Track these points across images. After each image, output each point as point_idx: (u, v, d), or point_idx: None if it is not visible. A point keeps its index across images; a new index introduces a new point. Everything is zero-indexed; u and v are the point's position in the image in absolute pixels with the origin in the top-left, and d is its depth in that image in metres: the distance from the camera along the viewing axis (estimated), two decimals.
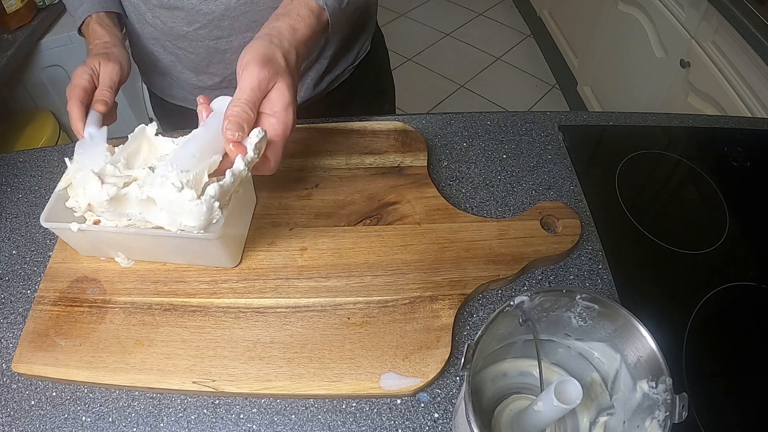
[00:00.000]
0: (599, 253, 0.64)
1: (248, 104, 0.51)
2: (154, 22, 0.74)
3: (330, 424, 0.52)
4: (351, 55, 0.86)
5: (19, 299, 0.62)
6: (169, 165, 0.49)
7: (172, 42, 0.76)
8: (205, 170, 0.51)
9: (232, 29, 0.72)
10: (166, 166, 0.49)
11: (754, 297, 0.62)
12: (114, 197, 0.50)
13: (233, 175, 0.51)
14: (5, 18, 1.34)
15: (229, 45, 0.74)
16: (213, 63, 0.77)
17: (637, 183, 0.73)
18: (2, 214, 0.71)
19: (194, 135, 0.53)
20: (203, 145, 0.53)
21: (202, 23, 0.71)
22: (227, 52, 0.75)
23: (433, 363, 0.53)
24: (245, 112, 0.51)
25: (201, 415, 0.53)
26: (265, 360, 0.54)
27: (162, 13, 0.72)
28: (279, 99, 0.53)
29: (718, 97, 1.32)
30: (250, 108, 0.51)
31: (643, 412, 0.42)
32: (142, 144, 0.58)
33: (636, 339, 0.43)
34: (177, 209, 0.49)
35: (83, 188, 0.50)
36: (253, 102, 0.52)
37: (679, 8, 1.46)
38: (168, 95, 0.88)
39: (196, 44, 0.74)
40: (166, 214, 0.50)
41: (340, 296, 0.59)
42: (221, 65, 0.78)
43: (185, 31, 0.73)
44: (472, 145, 0.76)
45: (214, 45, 0.74)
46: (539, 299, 0.44)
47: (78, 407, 0.54)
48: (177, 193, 0.47)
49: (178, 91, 0.86)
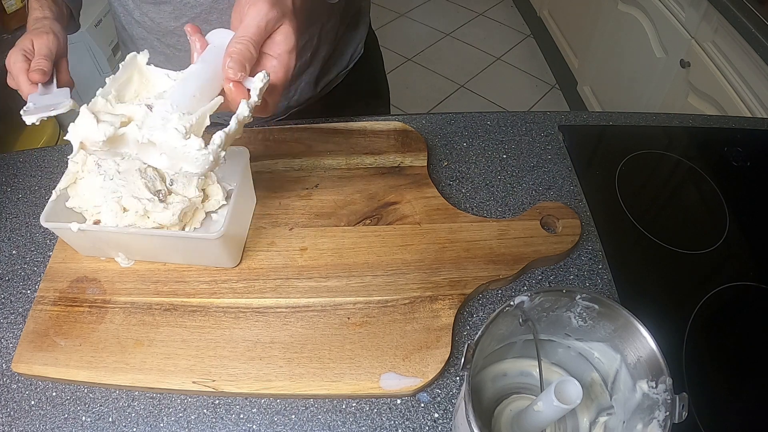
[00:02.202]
0: (599, 253, 0.64)
1: (252, 42, 0.48)
2: (141, 20, 0.74)
3: (330, 424, 0.52)
4: (344, 59, 0.86)
5: (19, 299, 0.62)
6: (169, 106, 0.46)
7: (160, 40, 0.75)
8: (207, 113, 0.48)
9: (221, 23, 0.72)
10: (166, 106, 0.46)
11: (754, 297, 0.62)
12: (111, 137, 0.46)
13: (238, 122, 0.48)
14: (5, 18, 1.34)
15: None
16: None
17: (637, 183, 0.73)
18: (2, 214, 0.71)
19: (192, 72, 0.50)
20: (202, 83, 0.49)
21: (189, 17, 0.71)
22: None
23: (433, 363, 0.53)
24: (248, 50, 0.48)
25: (201, 415, 0.53)
26: (265, 360, 0.54)
27: (149, 9, 0.72)
28: (284, 42, 0.50)
29: (718, 97, 1.32)
30: (254, 47, 0.48)
31: (643, 412, 0.42)
32: (134, 74, 0.53)
33: (636, 339, 0.43)
34: (180, 155, 0.46)
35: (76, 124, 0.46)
36: (256, 41, 0.49)
37: (679, 8, 1.46)
38: None
39: (185, 40, 0.74)
40: (167, 159, 0.47)
41: (340, 296, 0.59)
42: None
43: (173, 26, 0.72)
44: (472, 145, 0.76)
45: None
46: (539, 299, 0.44)
47: (78, 407, 0.54)
48: (182, 140, 0.45)
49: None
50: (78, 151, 0.47)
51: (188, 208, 0.61)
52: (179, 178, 0.63)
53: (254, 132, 0.76)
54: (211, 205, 0.65)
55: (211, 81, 0.50)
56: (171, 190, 0.62)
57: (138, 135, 0.45)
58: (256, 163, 0.70)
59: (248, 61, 0.48)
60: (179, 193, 0.63)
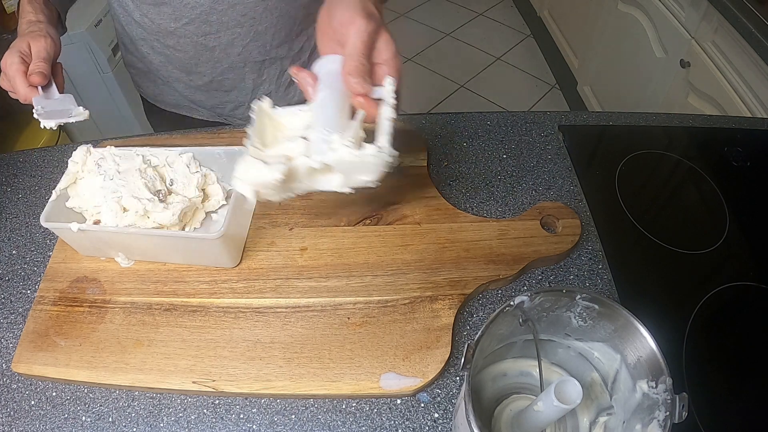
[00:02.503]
0: (599, 253, 0.64)
1: (364, 57, 0.51)
2: (141, 21, 0.74)
3: (330, 424, 0.52)
4: None
5: (19, 299, 0.62)
6: (323, 131, 0.49)
7: (160, 41, 0.75)
8: (359, 126, 0.51)
9: (220, 24, 0.72)
10: (320, 132, 0.49)
11: (754, 297, 0.62)
12: (285, 174, 0.48)
13: (392, 124, 0.51)
14: (5, 18, 1.34)
15: (218, 41, 0.74)
16: (202, 61, 0.77)
17: (637, 183, 0.73)
18: (2, 214, 0.71)
19: (323, 99, 0.53)
20: (338, 104, 0.52)
21: (189, 18, 0.71)
22: (215, 49, 0.75)
23: (433, 363, 0.53)
24: (363, 65, 0.50)
25: (201, 415, 0.53)
26: (265, 360, 0.54)
27: (149, 10, 0.72)
28: (387, 48, 0.52)
29: (718, 97, 1.32)
30: (366, 60, 0.51)
31: (643, 412, 0.42)
32: (265, 121, 0.56)
33: (636, 339, 0.43)
34: (356, 167, 0.49)
35: (244, 173, 0.48)
36: (366, 54, 0.51)
37: (679, 8, 1.46)
38: (160, 101, 0.88)
39: (185, 41, 0.74)
40: (342, 177, 0.50)
41: (340, 296, 0.59)
42: (209, 64, 0.77)
43: (173, 27, 0.73)
44: (472, 145, 0.76)
45: (202, 42, 0.74)
46: (539, 299, 0.44)
47: (78, 407, 0.54)
48: (356, 151, 0.47)
49: (170, 96, 0.85)
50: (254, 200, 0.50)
51: (188, 208, 0.61)
52: (178, 177, 0.63)
53: None
54: (211, 205, 0.65)
55: (342, 102, 0.53)
56: (171, 190, 0.63)
57: (310, 163, 0.48)
58: None
59: (366, 73, 0.51)
60: (179, 193, 0.63)
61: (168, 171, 0.63)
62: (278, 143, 0.54)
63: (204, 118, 0.88)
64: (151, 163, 0.63)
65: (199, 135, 0.77)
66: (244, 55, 0.77)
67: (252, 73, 0.80)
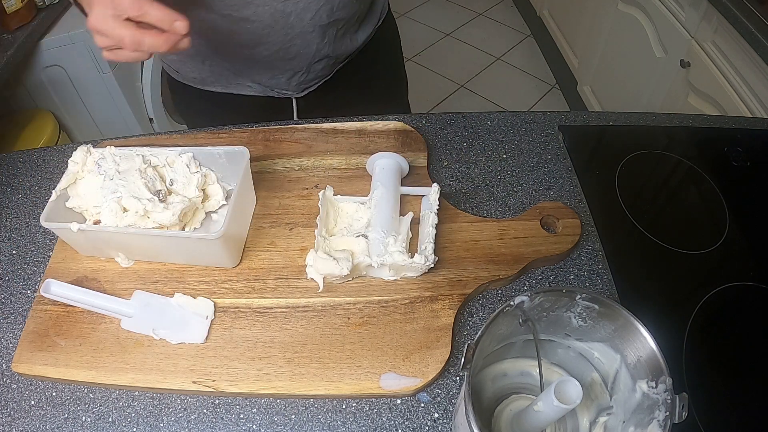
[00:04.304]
0: (599, 253, 0.64)
1: None
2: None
3: (330, 424, 0.52)
4: (375, 14, 0.88)
5: (19, 299, 0.62)
6: (380, 231, 0.59)
7: (232, 15, 0.72)
8: (407, 230, 0.61)
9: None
10: (378, 233, 0.59)
11: (754, 297, 0.62)
12: (351, 269, 0.57)
13: (435, 231, 0.61)
14: (5, 18, 1.34)
15: (295, 7, 0.73)
16: (274, 30, 0.75)
17: (637, 183, 0.73)
18: (2, 214, 0.71)
19: (379, 200, 0.62)
20: (391, 204, 0.63)
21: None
22: (291, 15, 0.73)
23: (433, 363, 0.53)
24: None
25: (201, 415, 0.53)
26: (265, 360, 0.54)
27: None
28: None
29: (718, 97, 1.32)
30: None
31: (643, 412, 0.42)
32: (329, 207, 0.64)
33: (636, 339, 0.43)
34: (404, 268, 0.58)
35: (318, 265, 0.57)
36: None
37: (679, 8, 1.46)
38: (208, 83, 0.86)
39: (263, 9, 0.72)
40: (394, 272, 0.59)
41: (339, 296, 0.59)
42: (282, 32, 0.75)
43: None
44: (472, 145, 0.76)
45: (281, 8, 0.72)
46: (539, 299, 0.44)
47: (78, 407, 0.54)
48: (408, 258, 0.57)
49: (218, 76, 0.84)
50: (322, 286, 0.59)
51: (188, 208, 0.61)
52: (178, 177, 0.63)
53: (254, 132, 0.76)
54: (211, 205, 0.65)
55: (395, 200, 0.64)
56: (171, 190, 0.63)
57: (371, 262, 0.57)
58: (256, 163, 0.70)
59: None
60: (179, 193, 0.63)
61: (168, 171, 0.63)
62: (340, 233, 0.62)
63: (255, 93, 0.87)
64: (151, 163, 0.63)
65: (199, 135, 0.77)
66: (315, 20, 0.76)
67: (317, 37, 0.79)
